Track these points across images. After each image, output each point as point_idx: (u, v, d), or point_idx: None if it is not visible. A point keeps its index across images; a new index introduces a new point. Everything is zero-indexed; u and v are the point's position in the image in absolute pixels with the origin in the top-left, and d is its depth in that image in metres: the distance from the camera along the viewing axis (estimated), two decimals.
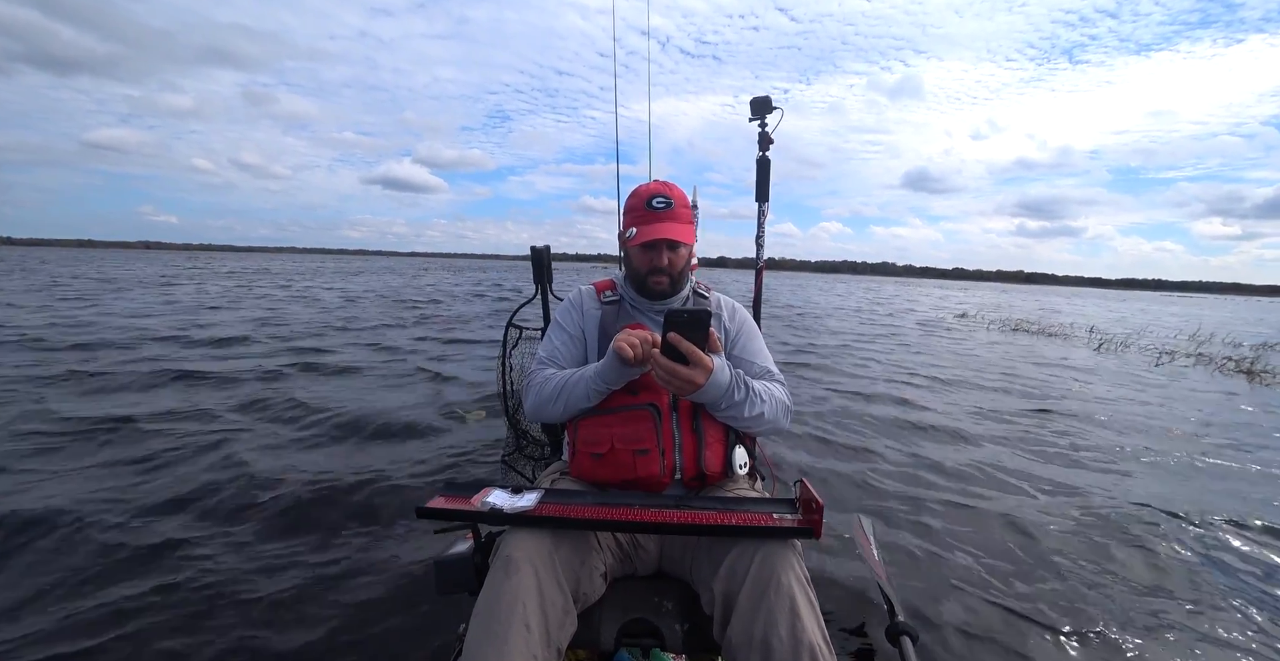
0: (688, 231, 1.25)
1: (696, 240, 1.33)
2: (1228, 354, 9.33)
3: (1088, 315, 18.77)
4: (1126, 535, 2.45)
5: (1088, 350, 9.35)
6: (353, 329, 8.13)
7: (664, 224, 1.22)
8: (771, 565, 0.89)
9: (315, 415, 3.77)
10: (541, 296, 1.83)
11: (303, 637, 1.66)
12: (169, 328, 7.45)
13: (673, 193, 1.26)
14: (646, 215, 1.24)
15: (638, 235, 1.23)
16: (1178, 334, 13.33)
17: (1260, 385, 6.75)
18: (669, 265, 1.25)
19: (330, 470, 2.92)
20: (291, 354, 5.96)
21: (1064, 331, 12.20)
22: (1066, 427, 4.26)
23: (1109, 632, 1.79)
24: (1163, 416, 4.80)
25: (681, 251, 1.27)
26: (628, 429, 1.10)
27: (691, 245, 1.29)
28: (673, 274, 1.27)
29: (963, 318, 14.93)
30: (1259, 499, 2.95)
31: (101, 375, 4.59)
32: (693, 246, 1.32)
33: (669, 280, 1.27)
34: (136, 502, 2.37)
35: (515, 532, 0.94)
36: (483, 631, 0.84)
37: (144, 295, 12.49)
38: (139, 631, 1.65)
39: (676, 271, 1.27)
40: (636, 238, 1.23)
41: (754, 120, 1.96)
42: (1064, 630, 1.79)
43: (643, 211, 1.24)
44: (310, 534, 2.25)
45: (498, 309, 12.61)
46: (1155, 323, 17.43)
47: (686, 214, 1.27)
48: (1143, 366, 7.81)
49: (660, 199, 1.24)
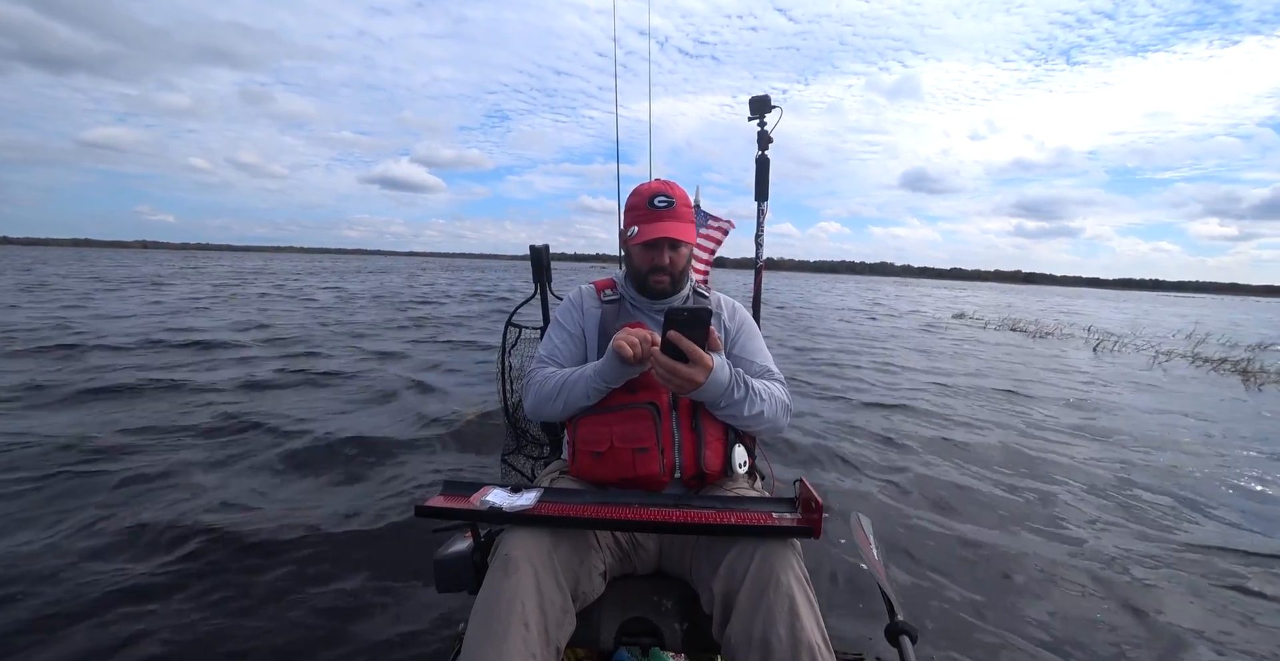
0: (689, 230, 1.26)
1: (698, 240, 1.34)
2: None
3: (1111, 320, 17.74)
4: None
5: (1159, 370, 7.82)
6: (340, 334, 7.82)
7: (666, 223, 1.23)
8: (771, 564, 0.89)
9: (300, 426, 3.76)
10: (541, 295, 1.83)
11: (302, 635, 1.66)
12: (145, 330, 7.17)
13: (674, 192, 1.26)
14: (649, 214, 1.24)
15: (639, 234, 1.23)
16: (1218, 339, 12.27)
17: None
18: (670, 264, 1.25)
19: (329, 468, 2.93)
20: (278, 359, 5.78)
21: (1099, 338, 11.12)
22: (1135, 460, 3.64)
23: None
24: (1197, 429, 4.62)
25: (682, 250, 1.28)
26: (627, 427, 1.10)
27: (693, 244, 1.30)
28: (674, 273, 1.27)
29: (986, 327, 13.46)
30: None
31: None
32: (693, 245, 1.33)
33: (670, 279, 1.28)
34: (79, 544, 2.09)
35: (514, 531, 0.94)
36: (482, 630, 0.84)
37: (130, 295, 12.25)
38: (137, 633, 1.65)
39: (677, 270, 1.28)
40: (638, 236, 1.23)
41: (753, 119, 1.96)
42: (1064, 629, 1.80)
43: (645, 210, 1.25)
44: (307, 534, 2.25)
45: (496, 308, 12.52)
46: (1174, 325, 16.55)
47: (688, 213, 1.28)
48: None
49: (662, 198, 1.24)
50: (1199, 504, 2.87)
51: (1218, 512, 2.76)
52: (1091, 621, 1.85)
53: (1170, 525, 2.60)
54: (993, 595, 1.97)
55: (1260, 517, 2.73)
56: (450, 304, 13.57)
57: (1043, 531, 2.47)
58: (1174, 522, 2.63)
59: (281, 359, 5.82)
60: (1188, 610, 1.93)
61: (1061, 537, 2.43)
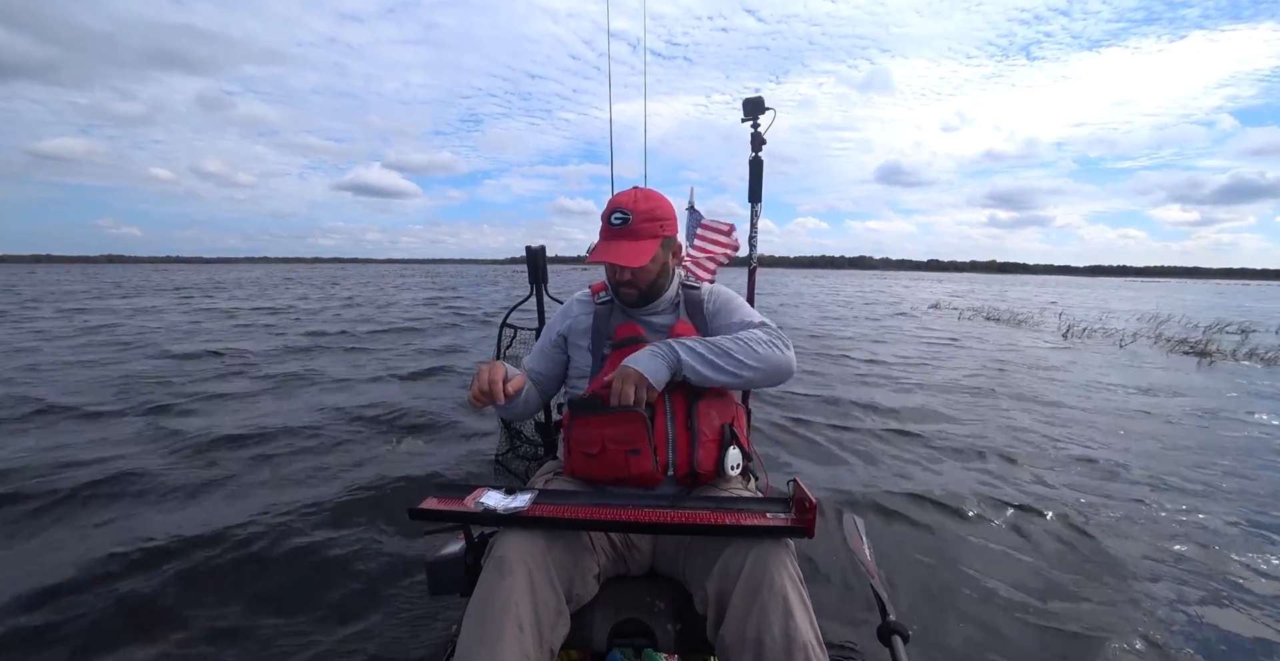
0: (641, 250, 1.19)
1: (659, 253, 1.23)
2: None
3: (1115, 309, 17.72)
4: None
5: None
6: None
7: (615, 243, 1.21)
8: (765, 564, 0.89)
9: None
10: (536, 296, 1.83)
11: (295, 639, 1.65)
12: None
13: (637, 206, 1.21)
14: (606, 230, 1.24)
15: (594, 252, 1.23)
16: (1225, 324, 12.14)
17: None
18: (633, 278, 1.24)
19: (326, 467, 2.91)
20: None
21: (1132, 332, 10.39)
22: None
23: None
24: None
25: (647, 267, 1.23)
26: (619, 430, 1.10)
27: (644, 265, 1.20)
28: (640, 285, 1.25)
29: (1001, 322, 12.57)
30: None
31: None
32: (658, 261, 1.24)
33: (637, 292, 1.26)
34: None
35: (508, 533, 0.94)
36: (475, 632, 0.83)
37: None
38: (130, 636, 1.63)
39: (644, 283, 1.25)
40: (592, 254, 1.23)
41: (746, 121, 1.96)
42: (1061, 628, 1.81)
43: (605, 225, 1.24)
44: (297, 537, 2.23)
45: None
46: (1183, 311, 16.51)
47: (649, 228, 1.21)
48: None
49: (618, 215, 1.20)
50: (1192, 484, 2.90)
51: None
52: (1089, 620, 1.86)
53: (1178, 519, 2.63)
54: (985, 593, 1.98)
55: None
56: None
57: (1042, 531, 2.49)
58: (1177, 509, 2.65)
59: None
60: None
61: (1062, 537, 2.44)
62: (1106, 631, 1.79)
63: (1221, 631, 1.81)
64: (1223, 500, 2.82)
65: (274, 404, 4.32)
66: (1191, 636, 1.78)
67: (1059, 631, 1.79)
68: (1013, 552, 2.28)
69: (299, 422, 3.73)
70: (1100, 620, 1.85)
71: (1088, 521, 2.54)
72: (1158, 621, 1.85)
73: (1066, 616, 1.87)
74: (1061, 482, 3.02)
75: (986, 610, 1.89)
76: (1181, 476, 3.14)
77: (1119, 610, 1.91)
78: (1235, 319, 13.84)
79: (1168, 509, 2.70)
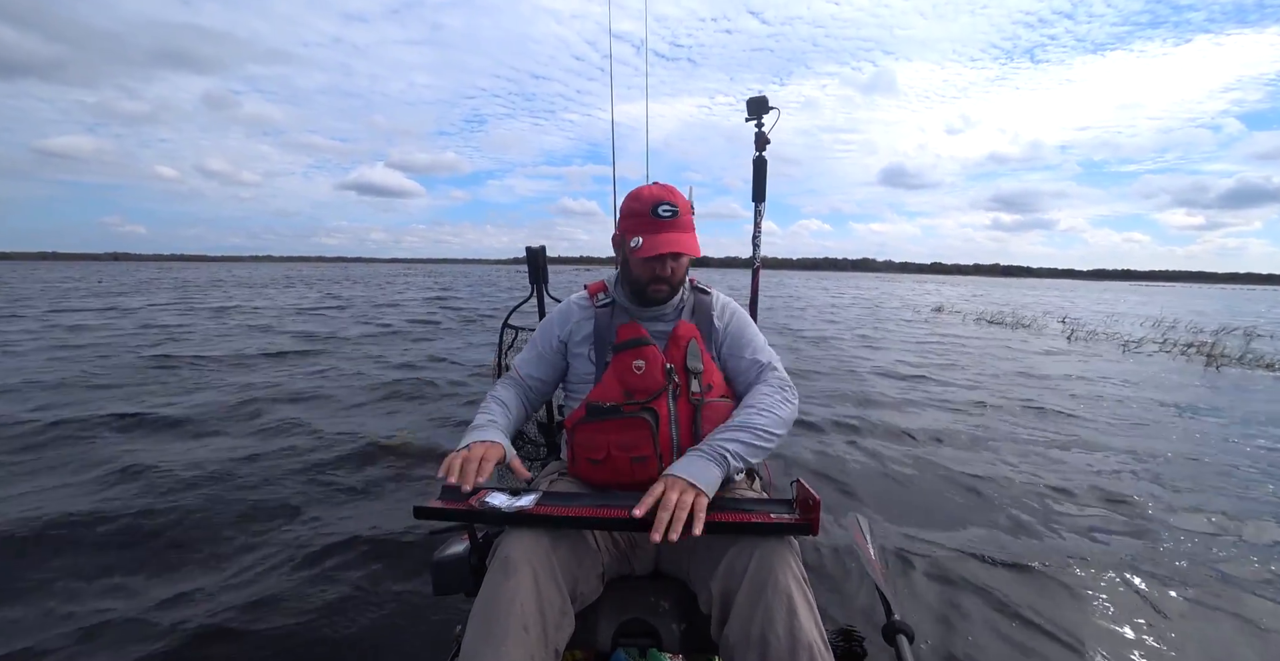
0: (692, 241, 1.18)
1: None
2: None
3: (1143, 315, 17.11)
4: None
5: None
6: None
7: (671, 234, 1.15)
8: (769, 564, 0.89)
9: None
10: (537, 296, 1.83)
11: (300, 638, 1.66)
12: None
13: (677, 199, 1.18)
14: (654, 224, 1.16)
15: (644, 246, 1.15)
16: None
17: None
18: (671, 274, 1.20)
19: (325, 466, 2.91)
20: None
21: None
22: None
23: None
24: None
25: (684, 260, 1.22)
26: (624, 437, 1.09)
27: (697, 254, 1.21)
28: (673, 282, 1.22)
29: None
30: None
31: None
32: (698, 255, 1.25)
33: (669, 288, 1.23)
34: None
35: (513, 533, 0.93)
36: (480, 632, 0.83)
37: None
38: (129, 634, 1.64)
39: (677, 280, 1.23)
40: (643, 249, 1.15)
41: (750, 120, 1.95)
42: (1059, 628, 1.80)
43: (648, 219, 1.16)
44: (301, 536, 2.24)
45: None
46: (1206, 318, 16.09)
47: (690, 220, 1.20)
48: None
49: (666, 207, 1.15)
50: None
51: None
52: (1092, 619, 1.85)
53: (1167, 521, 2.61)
54: (986, 592, 1.97)
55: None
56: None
57: (1043, 531, 2.48)
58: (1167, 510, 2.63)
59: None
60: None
61: (1061, 537, 2.43)
62: (1113, 636, 1.78)
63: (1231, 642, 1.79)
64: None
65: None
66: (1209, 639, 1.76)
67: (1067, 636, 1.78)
68: (1015, 552, 2.27)
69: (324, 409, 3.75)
70: (1107, 623, 1.84)
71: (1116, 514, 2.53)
72: (1168, 625, 1.84)
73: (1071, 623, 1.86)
74: (1082, 480, 3.01)
75: (994, 615, 1.88)
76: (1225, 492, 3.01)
77: (1126, 614, 1.90)
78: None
79: (1191, 527, 2.59)
